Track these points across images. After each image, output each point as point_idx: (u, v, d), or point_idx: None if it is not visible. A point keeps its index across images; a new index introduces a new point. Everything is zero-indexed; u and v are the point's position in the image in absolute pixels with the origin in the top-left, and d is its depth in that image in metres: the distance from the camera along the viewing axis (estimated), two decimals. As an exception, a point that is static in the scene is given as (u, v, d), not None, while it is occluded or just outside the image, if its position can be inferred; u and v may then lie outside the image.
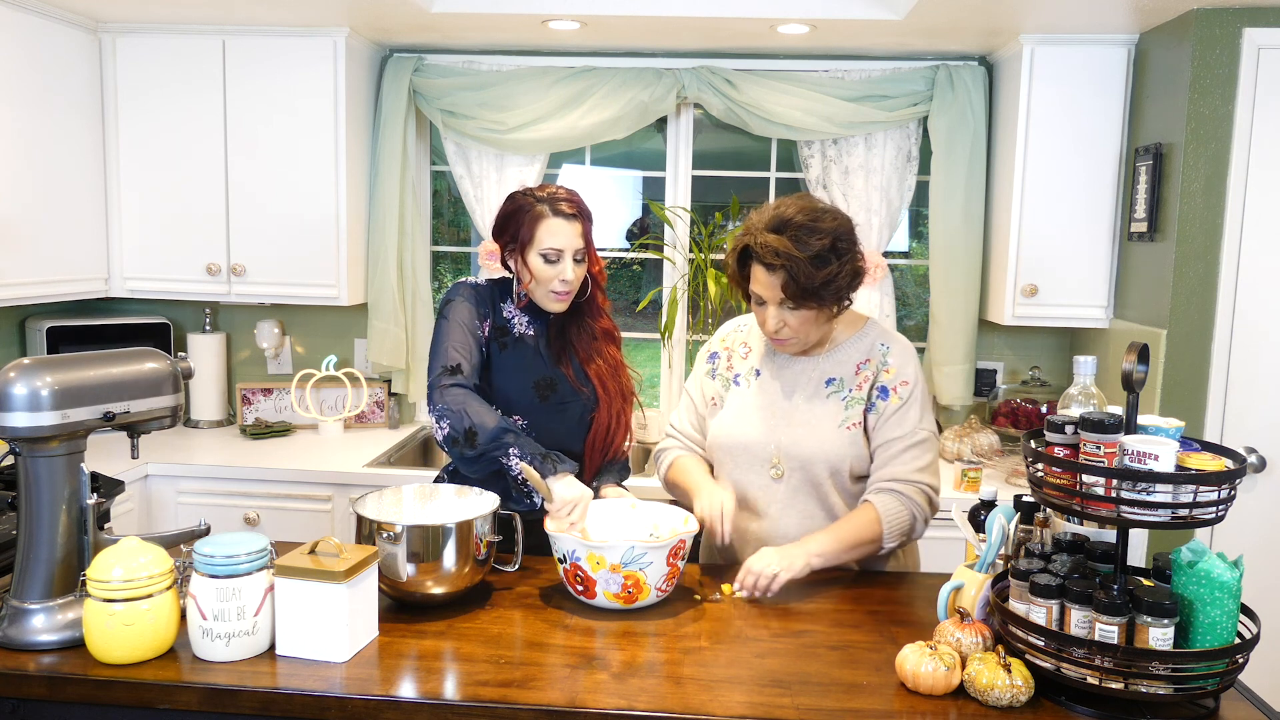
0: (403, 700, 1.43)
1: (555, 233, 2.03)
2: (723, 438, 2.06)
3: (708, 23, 2.98)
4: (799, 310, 1.90)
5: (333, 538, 1.58)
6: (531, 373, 2.09)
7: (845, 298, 1.94)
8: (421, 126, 3.55)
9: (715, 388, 2.13)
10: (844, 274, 1.88)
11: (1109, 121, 3.02)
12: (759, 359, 2.09)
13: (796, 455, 1.97)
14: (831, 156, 3.38)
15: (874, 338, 2.04)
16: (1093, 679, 1.38)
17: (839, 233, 1.89)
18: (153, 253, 3.30)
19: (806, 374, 2.03)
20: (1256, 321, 2.71)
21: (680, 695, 1.45)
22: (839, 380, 2.01)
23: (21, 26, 2.87)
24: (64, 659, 1.51)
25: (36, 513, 1.56)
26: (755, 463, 2.01)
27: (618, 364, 2.20)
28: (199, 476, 3.04)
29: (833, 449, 1.96)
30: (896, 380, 1.99)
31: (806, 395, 2.01)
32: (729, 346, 2.15)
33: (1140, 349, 1.46)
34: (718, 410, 2.10)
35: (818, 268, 1.84)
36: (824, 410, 1.99)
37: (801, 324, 1.92)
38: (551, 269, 2.04)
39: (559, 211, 2.05)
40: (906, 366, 2.00)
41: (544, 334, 2.13)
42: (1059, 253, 3.08)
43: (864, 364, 2.01)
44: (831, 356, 2.03)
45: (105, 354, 1.65)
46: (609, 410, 2.14)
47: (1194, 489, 1.36)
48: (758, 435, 2.01)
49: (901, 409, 1.97)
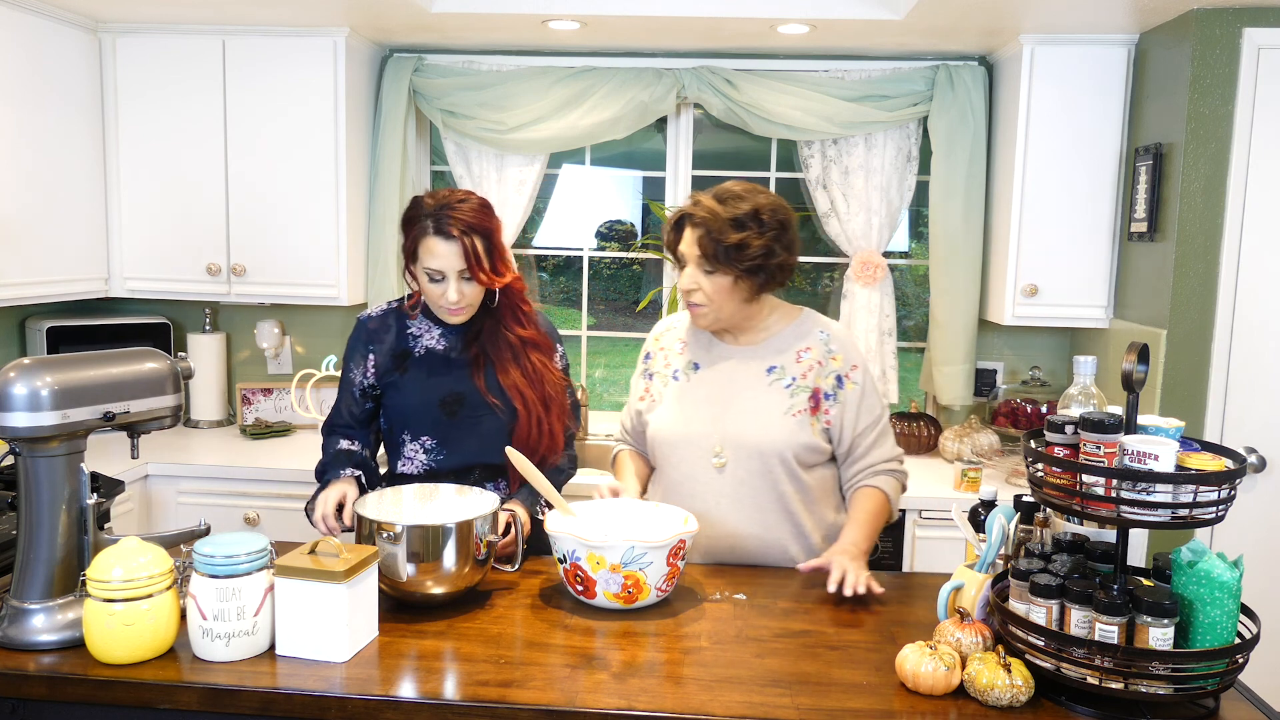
0: (403, 700, 1.43)
1: (434, 253, 1.93)
2: (664, 432, 2.08)
3: (708, 23, 2.98)
4: (714, 275, 1.94)
5: (333, 538, 1.58)
6: (437, 390, 2.05)
7: (763, 276, 1.95)
8: (421, 126, 3.55)
9: (653, 386, 2.14)
10: (758, 244, 1.91)
11: (1109, 121, 3.02)
12: (695, 352, 2.11)
13: (743, 444, 2.00)
14: (831, 156, 3.38)
15: (811, 325, 2.08)
16: (1093, 679, 1.38)
17: (768, 208, 1.95)
18: (153, 253, 3.30)
19: (746, 364, 2.05)
20: (1256, 321, 2.71)
21: (680, 695, 1.45)
22: (780, 368, 2.03)
23: (21, 26, 2.88)
24: (64, 659, 1.51)
25: (36, 513, 1.56)
26: (698, 455, 2.03)
27: (543, 372, 2.10)
28: (199, 476, 3.04)
29: (779, 436, 1.98)
30: (847, 367, 2.04)
31: (748, 384, 2.04)
32: (664, 345, 2.17)
33: (1140, 349, 1.46)
34: (656, 406, 2.12)
35: (734, 229, 1.90)
36: (768, 398, 2.01)
37: (716, 291, 1.96)
38: (436, 287, 1.97)
39: (440, 230, 1.92)
40: (851, 351, 2.07)
41: (458, 344, 2.08)
42: (1059, 253, 3.08)
43: (805, 351, 2.04)
44: (769, 345, 2.06)
45: (105, 354, 1.65)
46: (529, 420, 2.06)
47: (1194, 489, 1.36)
48: (700, 427, 2.03)
49: (863, 397, 2.04)
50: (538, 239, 3.77)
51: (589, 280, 3.72)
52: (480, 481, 2.07)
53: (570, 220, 3.73)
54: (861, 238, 3.37)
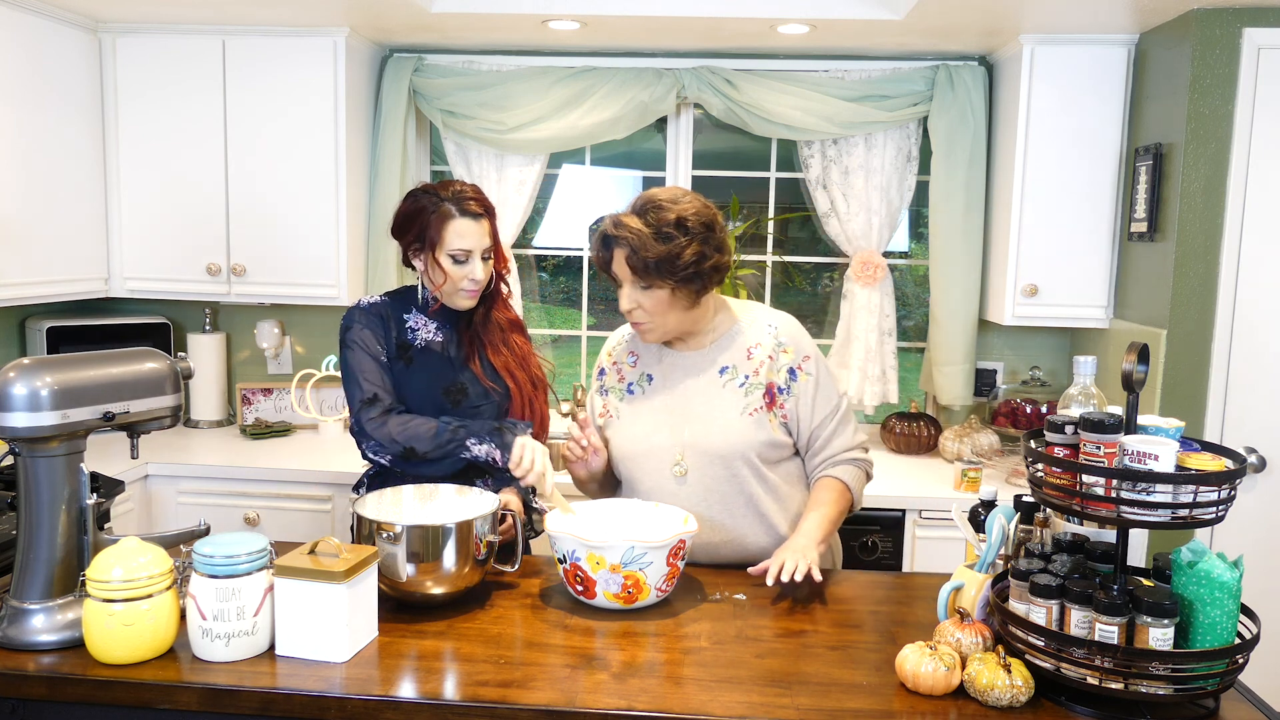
0: (402, 700, 1.43)
1: (463, 233, 2.01)
2: (626, 446, 2.05)
3: (708, 23, 2.98)
4: (651, 290, 1.92)
5: (333, 538, 1.58)
6: (440, 380, 2.08)
7: (699, 282, 1.92)
8: (421, 126, 3.55)
9: (610, 401, 2.11)
10: (689, 253, 1.88)
11: (1109, 121, 3.02)
12: (647, 363, 2.09)
13: (705, 450, 1.98)
14: (831, 156, 3.38)
15: (758, 320, 2.06)
16: (1093, 679, 1.38)
17: (691, 214, 1.91)
18: (153, 253, 3.30)
19: (698, 367, 2.04)
20: (1256, 321, 2.71)
21: (680, 695, 1.45)
22: (732, 367, 2.02)
23: (21, 26, 2.87)
24: (64, 659, 1.51)
25: (36, 513, 1.56)
26: (660, 466, 2.01)
27: (526, 353, 2.20)
28: (199, 476, 3.04)
29: (738, 438, 1.97)
30: (798, 358, 2.02)
31: (701, 389, 2.02)
32: (616, 360, 2.15)
33: (1140, 349, 1.46)
34: (614, 422, 2.09)
35: (660, 242, 1.87)
36: (723, 400, 2.00)
37: (655, 305, 1.93)
38: (461, 269, 2.03)
39: (466, 211, 2.02)
40: (801, 341, 2.05)
41: (454, 337, 2.13)
42: (1059, 253, 3.08)
43: (755, 348, 2.02)
44: (719, 345, 2.04)
45: (105, 354, 1.65)
46: (520, 399, 2.14)
47: (1194, 489, 1.36)
48: (661, 438, 2.01)
49: (817, 387, 2.02)
50: (537, 239, 3.77)
51: (589, 280, 3.72)
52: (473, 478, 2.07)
53: (570, 220, 3.73)
54: (861, 238, 3.37)
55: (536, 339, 3.30)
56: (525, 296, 3.69)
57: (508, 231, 3.44)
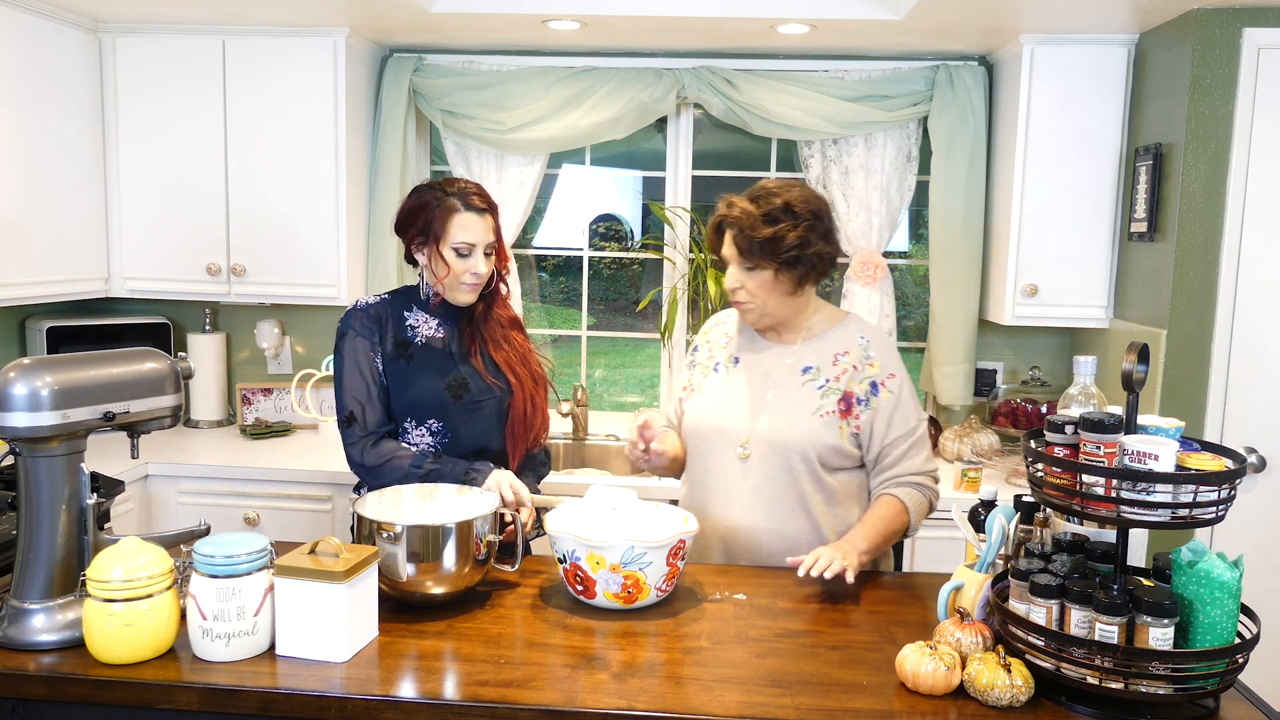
0: (403, 700, 1.43)
1: (468, 227, 2.05)
2: (697, 421, 2.11)
3: (708, 23, 2.98)
4: (755, 272, 1.98)
5: (333, 538, 1.58)
6: (442, 375, 2.10)
7: (802, 267, 1.97)
8: (421, 126, 3.55)
9: (695, 377, 2.17)
10: (793, 236, 1.93)
11: (1109, 121, 3.02)
12: (738, 347, 2.14)
13: (768, 440, 2.01)
14: (831, 156, 3.38)
15: (854, 330, 2.09)
16: (1093, 679, 1.38)
17: (799, 200, 1.97)
18: (153, 253, 3.30)
19: (783, 361, 2.07)
20: (1256, 321, 2.71)
21: (680, 695, 1.45)
22: (815, 369, 2.04)
23: (21, 26, 2.87)
24: (64, 659, 1.51)
25: (36, 513, 1.56)
26: (726, 445, 2.05)
27: (526, 350, 2.23)
28: (199, 476, 3.04)
29: (804, 434, 1.99)
30: (884, 374, 2.04)
31: (782, 381, 2.05)
32: (710, 339, 2.21)
33: (1140, 349, 1.46)
34: (694, 396, 2.15)
35: (767, 224, 1.94)
36: (798, 397, 2.03)
37: (758, 287, 1.99)
38: (464, 263, 2.06)
39: (471, 205, 2.06)
40: (890, 359, 2.06)
41: (455, 333, 2.15)
42: (1059, 253, 3.08)
43: (842, 355, 2.05)
44: (809, 345, 2.07)
45: (105, 354, 1.65)
46: (523, 395, 2.16)
47: (1194, 489, 1.36)
48: (732, 419, 2.05)
49: (898, 406, 2.03)
50: (537, 239, 3.77)
51: (589, 280, 3.72)
52: None
53: (570, 220, 3.74)
54: (861, 238, 3.37)
55: (536, 339, 3.30)
56: (525, 296, 3.69)
57: (508, 231, 3.44)
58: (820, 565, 1.81)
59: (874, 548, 1.95)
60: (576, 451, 3.50)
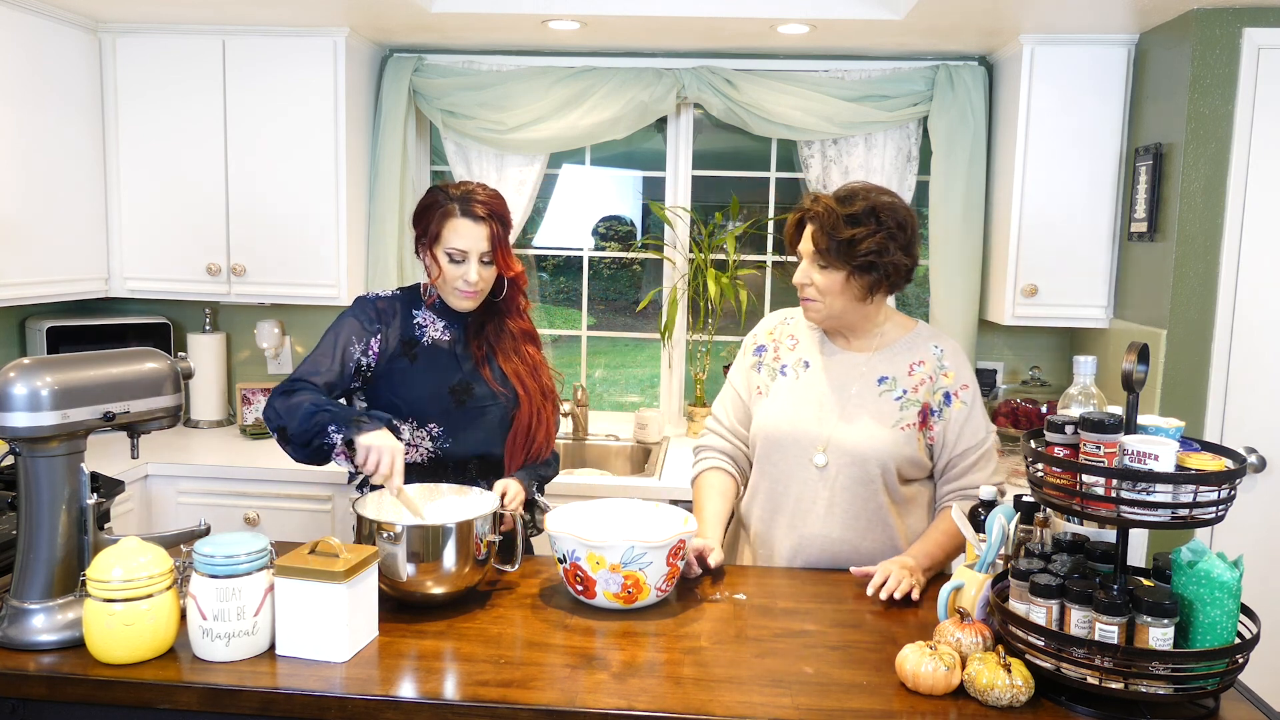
0: (403, 700, 1.43)
1: (460, 233, 2.02)
2: (769, 427, 2.06)
3: (708, 23, 2.98)
4: (827, 271, 1.95)
5: (333, 538, 1.58)
6: (446, 378, 2.07)
7: (875, 274, 1.94)
8: (421, 126, 3.55)
9: (761, 379, 2.13)
10: (871, 241, 1.90)
11: (1109, 121, 3.02)
12: (808, 350, 2.10)
13: (849, 450, 1.98)
14: (831, 156, 3.38)
15: (927, 339, 2.06)
16: (1093, 679, 1.38)
17: (886, 207, 1.94)
18: (153, 253, 3.30)
19: (858, 369, 2.04)
20: (1256, 321, 2.71)
21: (680, 695, 1.45)
22: (892, 379, 2.02)
23: (21, 26, 2.87)
24: (64, 659, 1.51)
25: (36, 513, 1.56)
26: (801, 453, 2.01)
27: (537, 363, 2.18)
28: (199, 476, 3.04)
29: (885, 446, 1.97)
30: (957, 385, 2.01)
31: (859, 390, 2.02)
32: (776, 339, 2.16)
33: (1140, 349, 1.46)
34: (763, 400, 2.11)
35: (849, 225, 1.91)
36: (878, 407, 2.00)
37: (828, 286, 1.96)
38: (456, 269, 2.03)
39: (468, 212, 2.02)
40: (964, 369, 2.04)
41: (461, 337, 2.12)
42: (1059, 253, 3.08)
43: (918, 365, 2.02)
44: (883, 354, 2.04)
45: (105, 354, 1.65)
46: (529, 407, 2.12)
47: (1194, 489, 1.36)
48: (807, 426, 2.01)
49: (969, 417, 2.01)
50: (538, 239, 3.77)
51: (589, 280, 3.72)
52: (475, 479, 2.07)
53: (570, 220, 3.74)
54: (861, 238, 3.37)
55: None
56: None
57: (508, 231, 3.44)
58: (890, 586, 1.81)
59: (937, 565, 1.95)
60: (576, 451, 3.50)
